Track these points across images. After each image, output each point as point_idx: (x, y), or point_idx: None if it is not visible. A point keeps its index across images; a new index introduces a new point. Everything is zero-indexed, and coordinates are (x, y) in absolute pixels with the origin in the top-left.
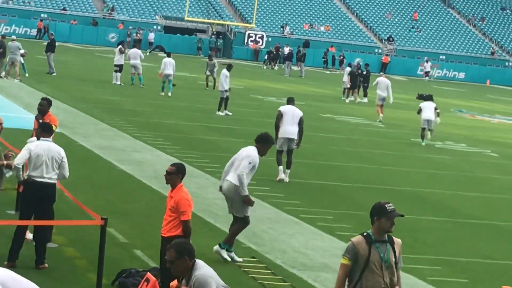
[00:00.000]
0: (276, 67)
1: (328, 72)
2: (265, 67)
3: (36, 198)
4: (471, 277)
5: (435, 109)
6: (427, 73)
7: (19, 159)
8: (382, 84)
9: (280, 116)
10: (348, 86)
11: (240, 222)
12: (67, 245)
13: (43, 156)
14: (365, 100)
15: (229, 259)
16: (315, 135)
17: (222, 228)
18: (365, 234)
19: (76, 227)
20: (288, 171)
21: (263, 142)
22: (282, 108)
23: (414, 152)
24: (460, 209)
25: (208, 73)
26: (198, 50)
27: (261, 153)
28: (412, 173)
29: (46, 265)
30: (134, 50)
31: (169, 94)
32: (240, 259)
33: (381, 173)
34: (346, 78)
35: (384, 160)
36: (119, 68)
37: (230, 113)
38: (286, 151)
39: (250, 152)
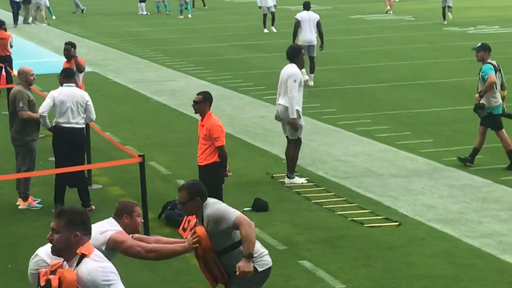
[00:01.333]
0: None
1: None
2: None
3: (65, 143)
4: None
5: None
6: None
7: (43, 107)
8: None
9: (297, 23)
10: None
11: (295, 145)
12: (111, 184)
13: (68, 102)
14: None
15: (305, 181)
16: (345, 39)
17: (262, 147)
18: None
19: (118, 166)
20: (312, 75)
21: (295, 56)
22: (298, 16)
23: (447, 41)
24: None
25: None
26: None
27: (299, 66)
28: (447, 64)
29: (93, 206)
30: None
31: (189, 16)
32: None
33: (416, 68)
34: None
35: (417, 54)
36: None
37: (275, 30)
38: (308, 58)
39: (290, 71)
